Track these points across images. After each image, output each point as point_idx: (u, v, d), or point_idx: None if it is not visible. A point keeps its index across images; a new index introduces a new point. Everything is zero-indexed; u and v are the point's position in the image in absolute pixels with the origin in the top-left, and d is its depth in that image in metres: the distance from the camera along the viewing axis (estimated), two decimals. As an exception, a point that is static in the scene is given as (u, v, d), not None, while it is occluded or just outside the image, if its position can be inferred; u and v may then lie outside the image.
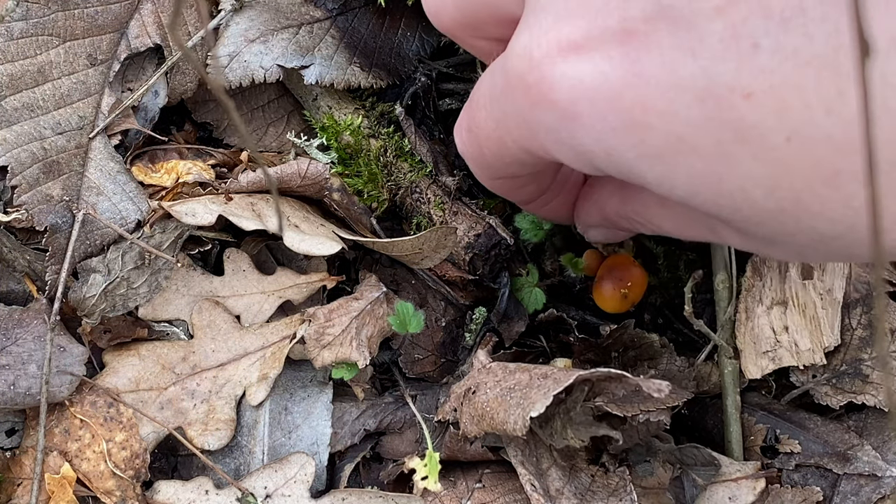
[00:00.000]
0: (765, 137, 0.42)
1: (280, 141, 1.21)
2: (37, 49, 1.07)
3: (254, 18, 1.12)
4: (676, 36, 0.43)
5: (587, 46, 0.46)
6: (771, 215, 0.45)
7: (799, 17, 0.40)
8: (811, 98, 0.40)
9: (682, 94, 0.44)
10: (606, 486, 1.05)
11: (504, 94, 0.54)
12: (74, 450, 1.05)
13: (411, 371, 1.17)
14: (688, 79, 0.43)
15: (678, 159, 0.46)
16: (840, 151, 0.40)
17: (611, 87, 0.46)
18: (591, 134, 0.48)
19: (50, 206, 1.06)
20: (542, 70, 0.49)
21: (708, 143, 0.44)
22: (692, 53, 0.43)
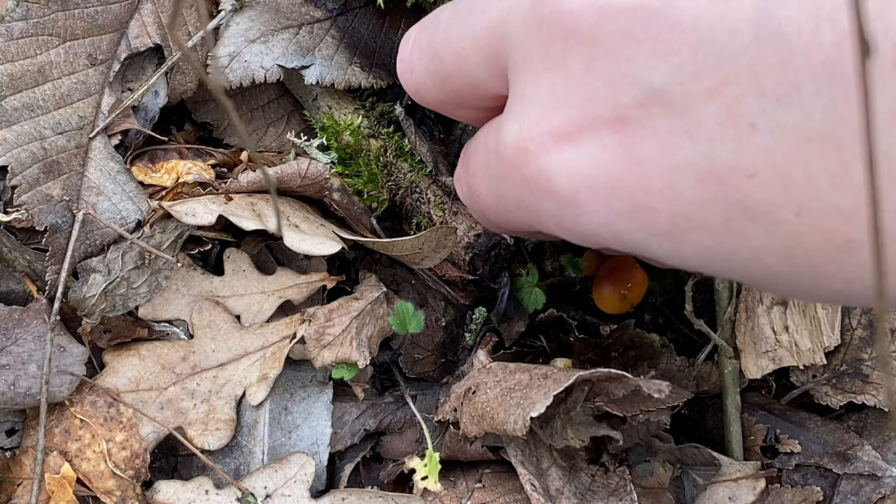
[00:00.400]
0: (773, 213, 0.42)
1: (280, 141, 1.21)
2: (37, 49, 1.07)
3: (254, 18, 1.12)
4: (671, 120, 0.43)
5: (581, 136, 0.46)
6: (786, 277, 0.44)
7: (794, 93, 0.39)
8: (816, 173, 0.40)
9: (684, 176, 0.43)
10: (606, 485, 1.05)
11: (501, 178, 0.53)
12: (74, 450, 1.05)
13: (411, 371, 1.17)
14: (687, 162, 0.43)
15: (687, 237, 0.45)
16: (850, 221, 0.40)
17: (610, 174, 0.46)
18: (595, 220, 0.48)
19: (50, 206, 1.06)
20: (539, 162, 0.48)
21: (716, 221, 0.44)
22: (689, 136, 0.43)
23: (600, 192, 0.46)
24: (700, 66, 0.42)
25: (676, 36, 0.42)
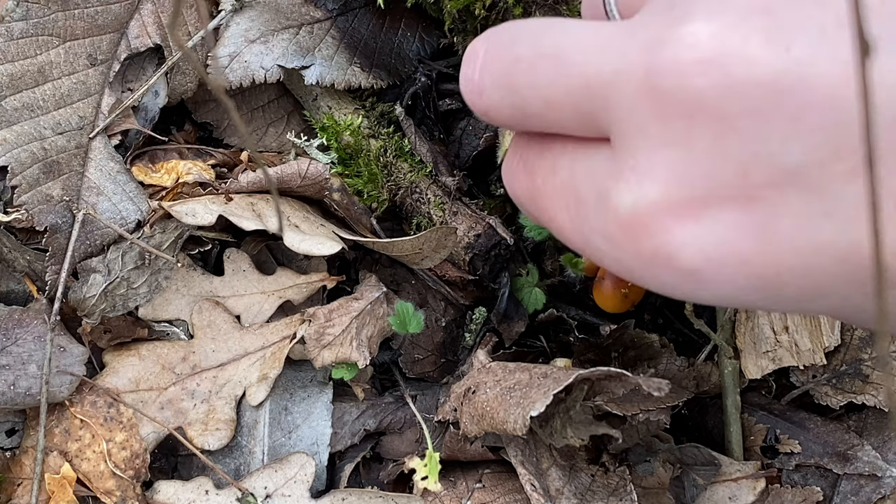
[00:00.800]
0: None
1: (280, 141, 1.21)
2: (37, 49, 1.07)
3: (254, 19, 1.12)
4: (808, 200, 0.41)
5: (706, 214, 0.44)
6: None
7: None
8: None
9: (821, 256, 0.42)
10: (606, 485, 1.05)
11: (601, 233, 0.50)
12: (74, 450, 1.05)
13: (411, 371, 1.17)
14: (826, 242, 0.42)
15: (816, 302, 0.44)
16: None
17: (737, 253, 0.44)
18: (717, 292, 0.46)
19: (50, 206, 1.06)
20: (658, 239, 0.45)
21: (849, 292, 0.43)
22: (828, 217, 0.41)
23: (726, 269, 0.44)
24: (840, 146, 0.40)
25: (813, 115, 0.40)
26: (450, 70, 1.20)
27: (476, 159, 1.18)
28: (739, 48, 0.42)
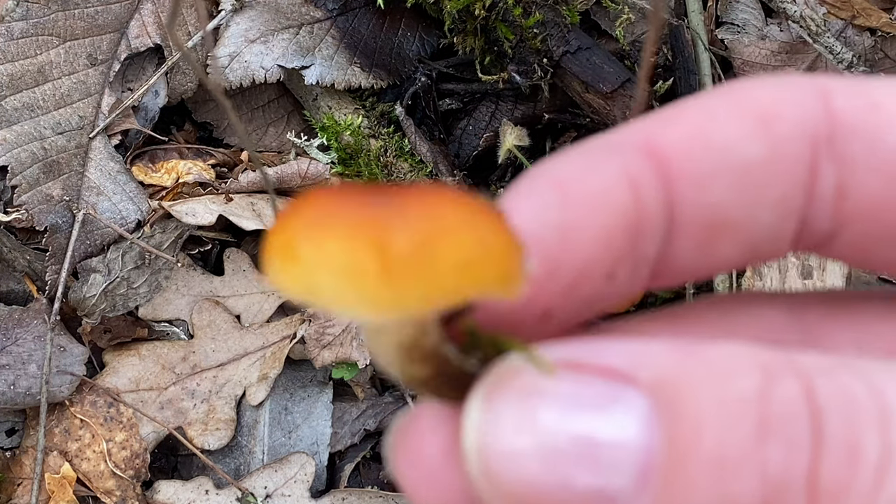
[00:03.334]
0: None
1: (280, 141, 1.21)
2: (37, 49, 1.07)
3: (254, 19, 1.12)
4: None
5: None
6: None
7: None
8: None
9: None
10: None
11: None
12: (74, 450, 1.05)
13: (411, 371, 1.17)
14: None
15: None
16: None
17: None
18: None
19: (50, 206, 1.06)
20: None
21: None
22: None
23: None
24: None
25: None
26: (450, 70, 1.20)
27: (476, 159, 1.18)
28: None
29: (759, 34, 1.22)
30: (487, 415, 0.34)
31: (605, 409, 0.33)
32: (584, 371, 0.33)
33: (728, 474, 0.31)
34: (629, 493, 0.32)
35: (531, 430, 0.33)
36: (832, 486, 0.31)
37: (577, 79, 1.11)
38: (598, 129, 1.18)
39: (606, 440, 0.32)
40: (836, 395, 0.32)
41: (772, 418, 0.31)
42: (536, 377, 0.33)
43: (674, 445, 0.32)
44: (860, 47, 1.19)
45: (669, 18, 1.20)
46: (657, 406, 0.32)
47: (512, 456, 0.33)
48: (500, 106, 1.20)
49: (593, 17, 1.21)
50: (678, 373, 0.33)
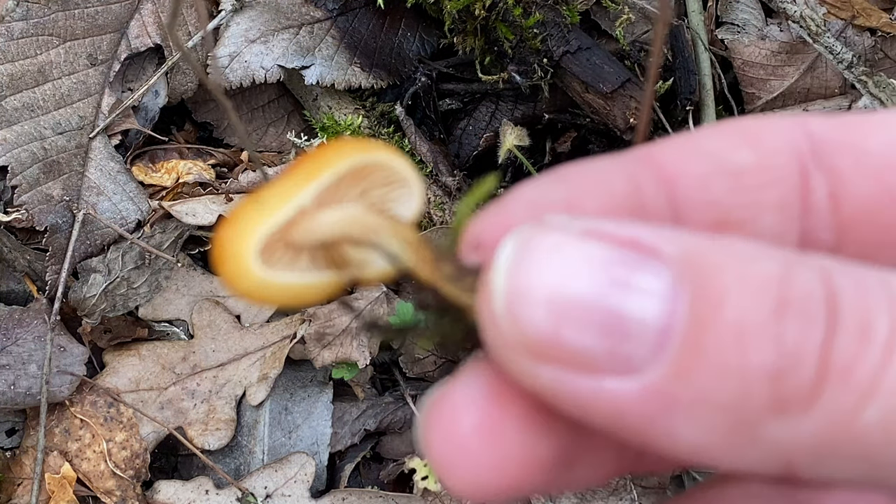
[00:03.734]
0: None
1: (280, 141, 1.21)
2: (37, 49, 1.07)
3: (254, 19, 1.12)
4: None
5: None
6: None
7: None
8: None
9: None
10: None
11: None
12: (75, 450, 1.05)
13: (411, 371, 1.17)
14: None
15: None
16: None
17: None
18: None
19: (50, 206, 1.06)
20: None
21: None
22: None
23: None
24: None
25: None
26: (450, 70, 1.20)
27: (476, 159, 1.18)
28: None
29: (759, 34, 1.22)
30: (518, 261, 0.35)
31: (629, 276, 0.34)
32: (612, 241, 0.35)
33: (745, 344, 0.33)
34: (645, 356, 0.34)
35: (556, 284, 0.34)
36: (842, 361, 0.33)
37: (577, 79, 1.11)
38: (598, 130, 1.18)
39: (628, 305, 0.34)
40: (851, 282, 0.34)
41: (791, 297, 0.33)
42: (566, 235, 0.35)
43: (695, 314, 0.33)
44: (860, 47, 1.19)
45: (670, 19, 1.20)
46: (680, 276, 0.34)
47: (535, 304, 0.34)
48: (500, 106, 1.20)
49: (593, 17, 1.21)
50: (703, 251, 0.35)
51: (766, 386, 0.33)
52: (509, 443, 0.38)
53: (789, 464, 0.35)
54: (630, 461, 0.43)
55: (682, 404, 0.34)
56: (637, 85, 1.11)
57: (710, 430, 0.34)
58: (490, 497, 0.38)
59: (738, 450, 0.35)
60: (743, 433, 0.34)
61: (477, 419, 0.38)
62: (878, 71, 1.15)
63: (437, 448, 0.38)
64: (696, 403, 0.34)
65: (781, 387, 0.33)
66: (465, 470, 0.38)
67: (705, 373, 0.33)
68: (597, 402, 0.35)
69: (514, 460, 0.38)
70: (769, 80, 1.20)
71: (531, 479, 0.38)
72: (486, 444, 0.37)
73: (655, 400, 0.34)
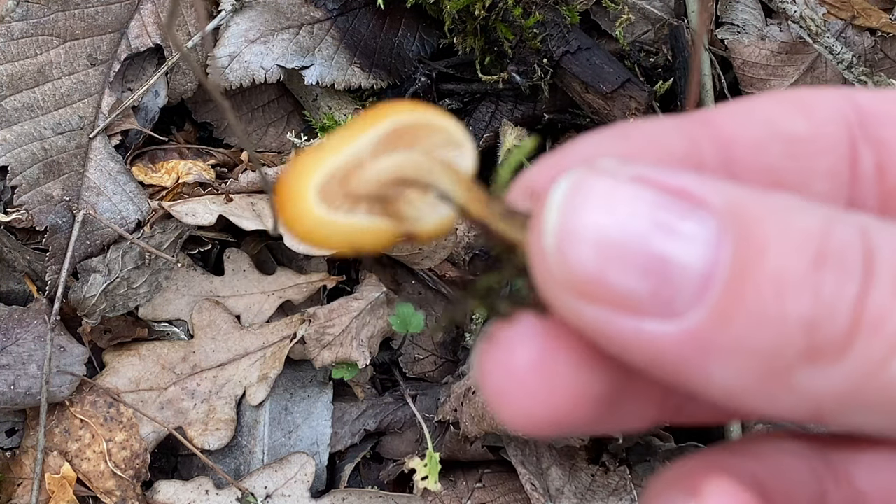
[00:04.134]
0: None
1: (280, 141, 1.21)
2: (37, 49, 1.07)
3: (254, 19, 1.12)
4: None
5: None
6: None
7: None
8: None
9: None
10: (606, 485, 1.05)
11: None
12: (75, 450, 1.05)
13: (411, 371, 1.17)
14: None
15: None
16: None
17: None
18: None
19: (50, 206, 1.06)
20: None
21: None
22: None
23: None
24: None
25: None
26: (450, 70, 1.20)
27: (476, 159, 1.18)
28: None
29: (759, 34, 1.22)
30: (569, 201, 0.37)
31: (676, 222, 0.36)
32: (661, 187, 0.36)
33: (784, 293, 0.34)
34: (687, 300, 0.35)
35: (604, 226, 0.36)
36: (875, 314, 0.34)
37: (577, 79, 1.11)
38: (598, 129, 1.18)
39: (673, 250, 0.35)
40: (889, 237, 0.35)
41: (830, 250, 0.35)
42: (617, 180, 0.36)
43: (737, 262, 0.35)
44: (860, 47, 1.19)
45: (669, 18, 1.20)
46: (725, 226, 0.35)
47: (583, 244, 0.36)
48: (500, 106, 1.20)
49: (593, 17, 1.21)
50: (748, 202, 0.36)
51: (801, 334, 0.34)
52: (561, 378, 0.39)
53: (819, 411, 0.36)
54: (671, 410, 0.45)
55: (720, 349, 0.35)
56: (637, 85, 1.11)
57: (745, 374, 0.35)
58: (539, 429, 0.40)
59: (771, 395, 0.36)
60: (776, 379, 0.35)
61: (531, 354, 0.39)
62: (878, 71, 1.15)
63: (492, 380, 0.40)
64: (733, 348, 0.35)
65: (816, 336, 0.34)
66: (518, 402, 0.39)
67: (744, 320, 0.34)
68: (637, 343, 0.36)
69: (564, 395, 0.39)
70: (769, 81, 1.20)
71: (579, 414, 0.40)
72: (538, 378, 0.39)
73: (694, 343, 0.35)
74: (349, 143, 0.39)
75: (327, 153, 0.39)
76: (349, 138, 0.39)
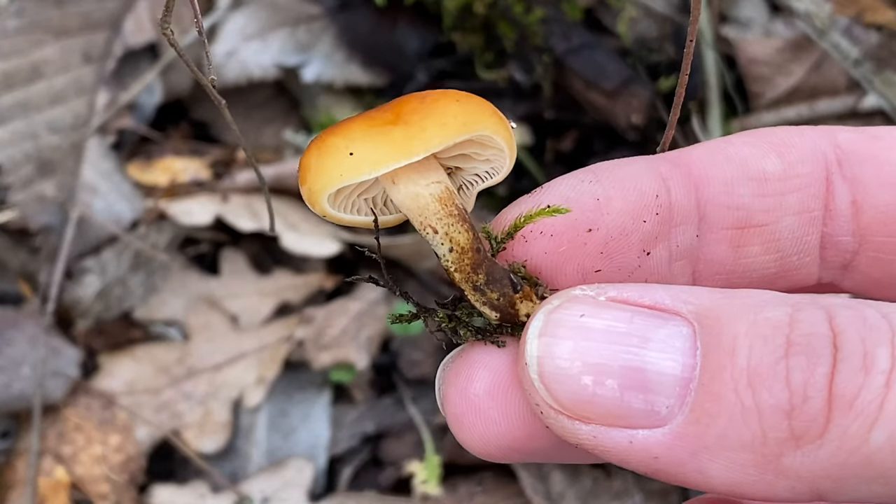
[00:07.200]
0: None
1: (277, 139, 1.20)
2: (31, 46, 1.06)
3: (251, 15, 1.11)
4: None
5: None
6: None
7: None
8: None
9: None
10: (609, 489, 1.04)
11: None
12: (69, 453, 1.04)
13: (410, 373, 1.15)
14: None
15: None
16: None
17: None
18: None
19: (44, 206, 1.04)
20: None
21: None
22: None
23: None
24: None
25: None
26: (449, 68, 1.18)
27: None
28: None
29: (764, 31, 1.21)
30: (545, 335, 0.39)
31: (652, 336, 0.38)
32: (634, 306, 0.39)
33: (758, 385, 0.36)
34: (671, 406, 0.37)
35: (586, 352, 0.39)
36: (847, 391, 0.35)
37: (578, 76, 1.10)
38: (600, 127, 1.17)
39: (653, 363, 0.38)
40: (854, 318, 0.36)
41: (797, 338, 0.36)
42: (592, 306, 0.39)
43: (709, 363, 0.37)
44: (867, 44, 1.17)
45: (673, 15, 1.18)
46: (698, 332, 0.38)
47: (568, 373, 0.38)
48: (500, 104, 1.18)
49: (596, 14, 1.19)
50: (717, 305, 0.39)
51: (782, 421, 0.36)
52: (516, 405, 0.42)
53: (817, 491, 0.37)
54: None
55: (709, 447, 0.37)
56: (640, 83, 1.09)
57: (737, 467, 0.37)
58: (497, 455, 0.43)
59: (767, 482, 0.37)
60: (767, 467, 0.37)
61: (490, 380, 0.42)
62: (885, 68, 1.13)
63: (452, 405, 0.43)
64: (720, 444, 0.37)
65: (795, 421, 0.36)
66: (476, 427, 0.42)
67: (725, 416, 0.37)
68: (632, 452, 0.38)
69: (520, 422, 0.42)
70: (774, 78, 1.18)
71: (535, 442, 0.43)
72: (495, 406, 0.42)
73: (684, 445, 0.37)
74: (381, 163, 0.41)
75: (353, 166, 0.41)
76: (383, 158, 0.41)
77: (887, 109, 1.13)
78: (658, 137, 1.14)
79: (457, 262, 0.42)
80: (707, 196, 0.44)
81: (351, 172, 0.42)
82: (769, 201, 0.45)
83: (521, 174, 1.16)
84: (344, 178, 0.42)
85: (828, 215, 0.46)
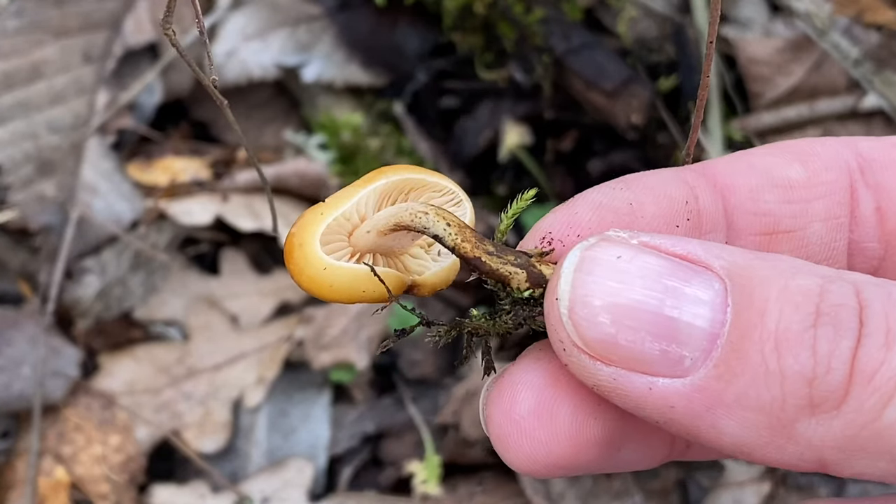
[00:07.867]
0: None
1: (278, 139, 1.20)
2: (31, 46, 1.06)
3: (252, 15, 1.11)
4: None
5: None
6: None
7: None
8: None
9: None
10: (609, 489, 1.04)
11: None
12: (69, 453, 1.04)
13: (410, 373, 1.15)
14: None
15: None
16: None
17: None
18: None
19: (44, 206, 1.04)
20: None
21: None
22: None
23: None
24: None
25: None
26: (449, 68, 1.18)
27: (477, 157, 1.17)
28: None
29: (764, 31, 1.21)
30: (580, 269, 0.40)
31: (682, 287, 0.39)
32: (666, 254, 0.40)
33: (784, 349, 0.37)
34: (695, 359, 0.38)
35: (615, 293, 0.39)
36: (868, 366, 0.36)
37: (578, 76, 1.10)
38: (600, 128, 1.17)
39: (681, 313, 0.39)
40: (880, 294, 0.38)
41: (826, 308, 0.37)
42: (628, 249, 0.40)
43: (740, 322, 0.38)
44: (867, 44, 1.17)
45: (673, 15, 1.18)
46: (728, 288, 0.38)
47: (596, 311, 0.39)
48: (500, 104, 1.18)
49: (596, 14, 1.19)
50: (750, 265, 0.39)
51: (802, 388, 0.37)
52: (561, 424, 0.43)
53: (822, 460, 0.38)
54: (680, 449, 0.48)
55: (727, 403, 0.38)
56: (640, 83, 1.09)
57: (751, 427, 0.38)
58: (544, 472, 0.44)
59: (776, 446, 0.38)
60: (780, 431, 0.38)
61: (533, 401, 0.43)
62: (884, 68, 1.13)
63: (496, 425, 0.44)
64: (739, 403, 0.38)
65: (815, 389, 0.37)
66: (521, 447, 0.43)
67: (748, 376, 0.37)
68: (650, 400, 0.39)
69: (565, 440, 0.43)
70: (774, 78, 1.18)
71: (582, 457, 0.44)
72: (539, 425, 0.43)
73: (703, 399, 0.38)
74: (348, 198, 0.44)
75: (329, 208, 0.44)
76: (348, 195, 0.44)
77: (887, 109, 1.13)
78: (658, 137, 1.14)
79: (461, 234, 0.43)
80: (734, 203, 0.46)
81: (334, 205, 0.45)
82: (795, 208, 0.46)
83: (521, 174, 1.16)
84: (330, 210, 0.44)
85: (853, 222, 0.47)
